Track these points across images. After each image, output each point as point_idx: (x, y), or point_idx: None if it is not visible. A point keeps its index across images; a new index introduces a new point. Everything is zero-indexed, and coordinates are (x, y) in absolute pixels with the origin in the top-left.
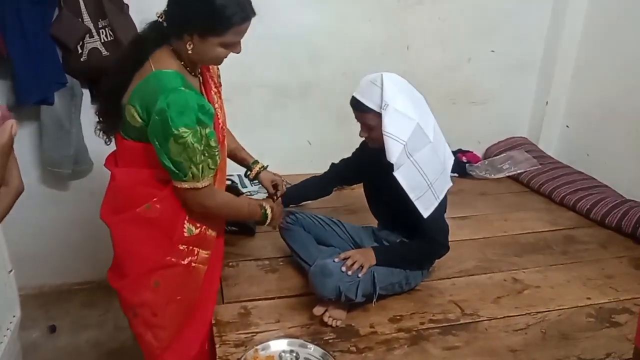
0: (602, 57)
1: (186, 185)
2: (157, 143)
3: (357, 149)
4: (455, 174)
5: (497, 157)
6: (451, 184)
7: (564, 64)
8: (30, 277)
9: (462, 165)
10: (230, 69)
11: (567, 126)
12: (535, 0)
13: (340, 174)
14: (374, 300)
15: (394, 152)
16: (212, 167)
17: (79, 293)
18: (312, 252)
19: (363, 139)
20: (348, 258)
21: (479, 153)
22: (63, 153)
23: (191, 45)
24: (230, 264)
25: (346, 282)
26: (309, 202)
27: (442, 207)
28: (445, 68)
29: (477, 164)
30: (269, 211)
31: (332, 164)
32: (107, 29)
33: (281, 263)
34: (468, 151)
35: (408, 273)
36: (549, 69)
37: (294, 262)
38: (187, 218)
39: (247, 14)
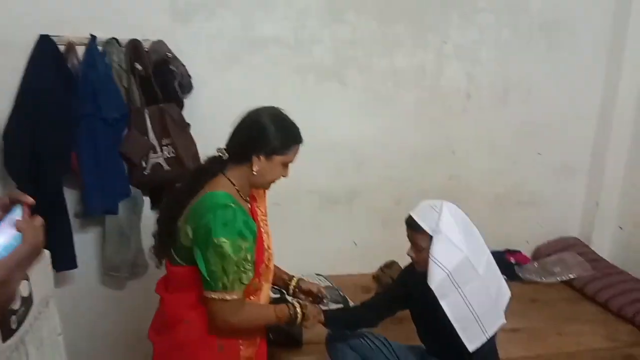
0: None
1: (215, 296)
2: (198, 250)
3: (401, 276)
4: (504, 277)
5: (548, 259)
6: (504, 321)
7: (613, 165)
8: None
9: (510, 266)
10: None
11: (621, 227)
12: (581, 105)
13: (387, 305)
14: None
15: (435, 278)
16: (244, 282)
17: None
18: None
19: (408, 265)
20: None
21: (528, 254)
22: (123, 258)
23: (257, 167)
24: None
25: None
26: None
27: (492, 339)
28: (491, 171)
29: (526, 266)
30: (298, 310)
31: (377, 293)
32: (169, 146)
33: None
34: (517, 251)
35: None
36: (598, 170)
37: None
38: (218, 334)
39: (301, 136)
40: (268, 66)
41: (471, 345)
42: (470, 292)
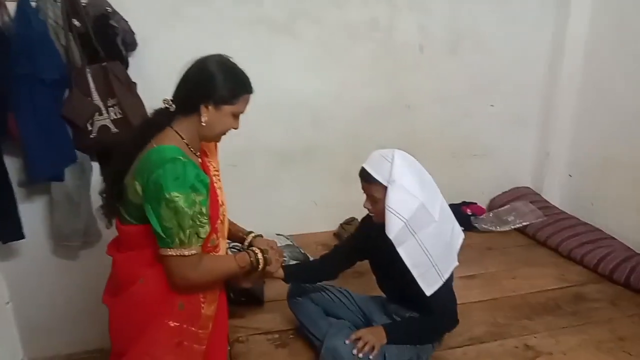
0: (600, 107)
1: (172, 252)
2: (149, 207)
3: (358, 229)
4: (461, 228)
5: (502, 208)
6: (457, 263)
7: (562, 115)
8: (43, 348)
9: (466, 217)
10: (236, 136)
11: (570, 176)
12: (531, 55)
13: (346, 257)
14: None
15: (393, 227)
16: (202, 236)
17: None
18: (321, 325)
19: (365, 216)
20: (359, 339)
21: (484, 205)
22: (73, 227)
23: (205, 117)
24: (240, 338)
25: None
26: None
27: (448, 280)
28: (445, 124)
29: (482, 216)
30: (259, 256)
31: (335, 246)
32: (115, 107)
33: (291, 336)
34: (472, 203)
35: (419, 348)
36: (548, 120)
37: (305, 334)
38: (179, 292)
39: (251, 86)
40: (216, 20)
41: (429, 290)
42: (426, 238)
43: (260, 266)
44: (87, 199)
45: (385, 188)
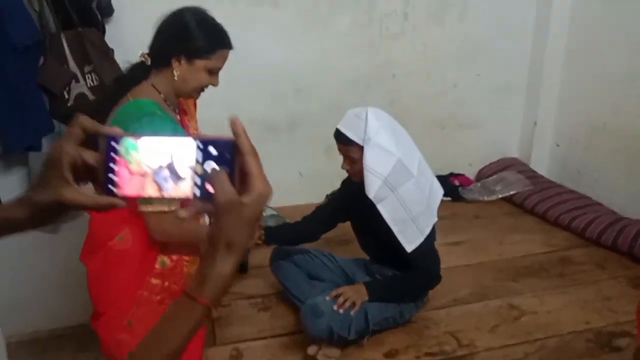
0: (587, 75)
1: (151, 208)
2: None
3: (339, 189)
4: (449, 198)
5: (489, 178)
6: (436, 219)
7: (549, 84)
8: (24, 323)
9: (454, 188)
10: (217, 106)
11: (557, 145)
12: (516, 24)
13: (328, 217)
14: (367, 337)
15: (372, 186)
16: None
17: (72, 337)
18: (304, 288)
19: (346, 177)
20: (340, 295)
21: (472, 176)
22: None
23: (178, 71)
24: (222, 303)
25: (338, 321)
26: None
27: (430, 238)
28: (432, 94)
29: (469, 187)
30: None
31: (317, 207)
32: (92, 74)
33: (274, 300)
34: (460, 174)
35: (402, 306)
36: (534, 89)
37: (287, 298)
38: (161, 249)
39: (230, 41)
40: None
41: (409, 246)
42: (405, 193)
43: None
44: None
45: (361, 148)
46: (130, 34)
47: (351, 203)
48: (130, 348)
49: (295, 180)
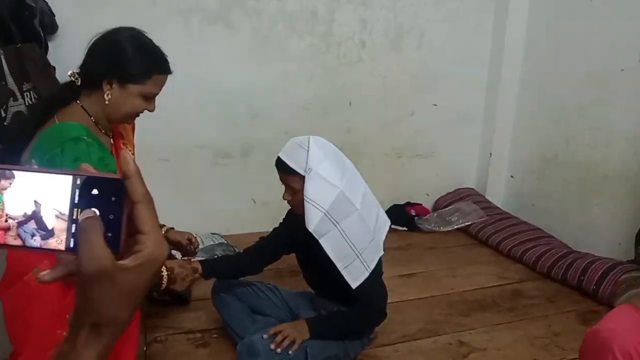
0: (540, 106)
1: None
2: None
3: (284, 221)
4: (404, 228)
5: (446, 209)
6: (382, 252)
7: (504, 114)
8: None
9: (411, 218)
10: (169, 130)
11: (512, 176)
12: (472, 54)
13: (271, 250)
14: None
15: (312, 219)
16: None
17: None
18: (245, 324)
19: (290, 208)
20: (278, 333)
21: (429, 205)
22: None
23: (109, 96)
24: (158, 338)
25: None
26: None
27: (376, 272)
28: (388, 123)
29: (425, 217)
30: (163, 273)
31: (261, 238)
32: (31, 92)
33: (215, 336)
34: (417, 204)
35: (346, 344)
36: (490, 120)
37: (229, 334)
38: None
39: (168, 67)
40: (146, 5)
41: (354, 282)
42: (349, 227)
43: (164, 284)
44: None
45: (302, 178)
46: (73, 51)
47: (295, 235)
48: None
49: (248, 208)
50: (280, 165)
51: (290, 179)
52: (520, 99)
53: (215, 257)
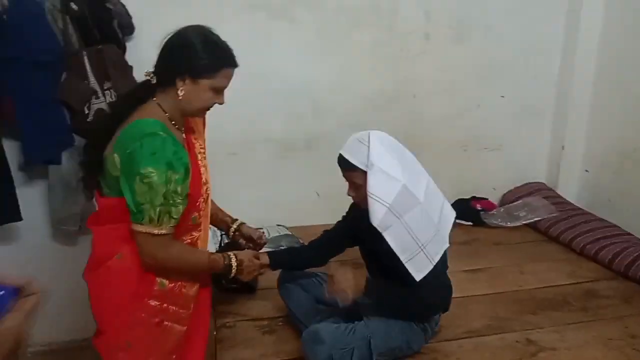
0: (618, 97)
1: (141, 229)
2: (124, 181)
3: (348, 213)
4: (470, 223)
5: (513, 204)
6: (447, 245)
7: (578, 106)
8: (40, 335)
9: (476, 213)
10: (236, 124)
11: (587, 170)
12: (543, 44)
13: (335, 242)
14: None
15: (376, 214)
16: (174, 216)
17: (86, 350)
18: (310, 313)
19: (353, 202)
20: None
21: (495, 200)
22: (70, 211)
23: (182, 91)
24: (227, 324)
25: (339, 350)
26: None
27: (443, 275)
28: (453, 115)
29: (492, 212)
30: (233, 261)
31: (325, 231)
32: (111, 90)
33: (280, 324)
34: (483, 198)
35: (409, 336)
36: (562, 111)
37: (294, 322)
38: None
39: (235, 60)
40: (214, 4)
41: (418, 275)
42: (412, 220)
43: (232, 274)
44: None
45: (365, 173)
46: (149, 51)
47: (359, 228)
48: None
49: (312, 200)
50: (342, 162)
51: (353, 175)
52: (596, 89)
53: (281, 248)
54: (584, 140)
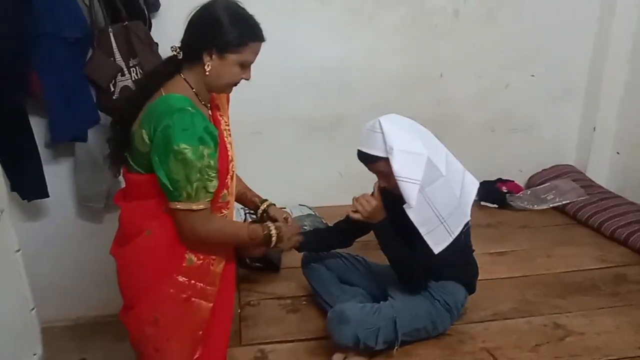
0: None
1: (180, 206)
2: (157, 159)
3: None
4: (495, 205)
5: (541, 186)
6: (469, 218)
7: (611, 87)
8: (66, 310)
9: (502, 195)
10: (262, 103)
11: (618, 153)
12: (577, 24)
13: (360, 224)
14: (396, 347)
15: (411, 194)
16: (210, 190)
17: (111, 325)
18: (334, 292)
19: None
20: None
21: (522, 183)
22: (96, 188)
23: (209, 67)
24: (252, 302)
25: (365, 329)
26: None
27: (467, 251)
28: (482, 95)
29: (518, 194)
30: (273, 232)
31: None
32: (137, 67)
33: (304, 302)
34: (509, 180)
35: (435, 317)
36: (594, 92)
37: (318, 302)
38: (189, 247)
39: (262, 34)
40: None
41: (437, 247)
42: (433, 193)
43: (273, 243)
44: None
45: (388, 160)
46: (175, 27)
47: (387, 210)
48: (156, 343)
49: (334, 180)
50: (363, 156)
51: (377, 165)
52: (630, 70)
53: (305, 229)
54: (615, 122)
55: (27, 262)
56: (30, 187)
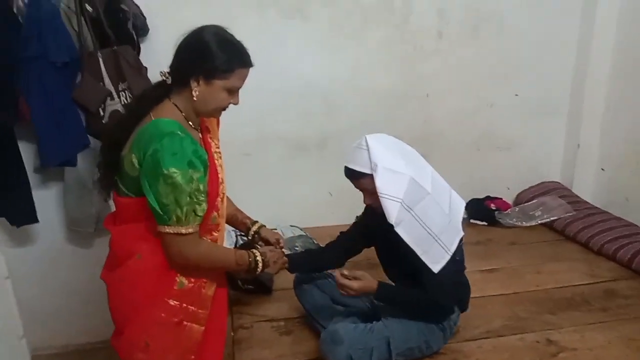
0: (635, 94)
1: (169, 230)
2: (146, 183)
3: (363, 214)
4: (484, 223)
5: (529, 203)
6: (462, 233)
7: (593, 103)
8: (55, 336)
9: (490, 213)
10: (249, 125)
11: (603, 169)
12: (558, 40)
13: (352, 244)
14: None
15: (392, 212)
16: (199, 214)
17: (101, 352)
18: (327, 313)
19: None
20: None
21: (509, 200)
22: (85, 212)
23: (197, 92)
24: (244, 325)
25: (358, 350)
26: None
27: (458, 264)
28: (467, 114)
29: (506, 212)
30: (259, 258)
31: (341, 232)
32: (126, 91)
33: (297, 324)
34: (497, 198)
35: (428, 336)
36: (578, 109)
37: (311, 323)
38: (179, 270)
39: (249, 60)
40: (227, 3)
41: (435, 266)
42: (423, 211)
43: (259, 269)
44: None
45: (372, 177)
46: (163, 51)
47: (373, 228)
48: None
49: (324, 200)
50: (349, 173)
51: (363, 182)
52: (612, 86)
53: (297, 250)
54: (599, 138)
55: (16, 287)
56: (19, 213)
